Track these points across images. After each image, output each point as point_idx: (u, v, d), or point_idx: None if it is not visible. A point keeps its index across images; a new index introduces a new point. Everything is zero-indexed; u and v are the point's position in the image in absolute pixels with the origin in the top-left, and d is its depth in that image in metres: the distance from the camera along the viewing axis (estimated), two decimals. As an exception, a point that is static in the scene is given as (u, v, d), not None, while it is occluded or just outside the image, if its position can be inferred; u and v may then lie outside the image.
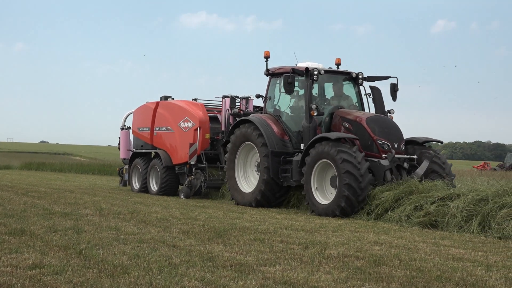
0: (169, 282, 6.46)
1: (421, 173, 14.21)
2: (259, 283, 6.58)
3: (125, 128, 22.70)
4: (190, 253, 8.37)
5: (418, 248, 9.54)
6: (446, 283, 6.90)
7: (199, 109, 19.20)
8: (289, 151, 15.75)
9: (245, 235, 10.31)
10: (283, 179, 15.59)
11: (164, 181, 19.39)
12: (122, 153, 22.71)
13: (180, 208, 15.13)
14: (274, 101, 16.72)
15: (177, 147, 19.15)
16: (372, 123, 14.80)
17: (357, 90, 16.72)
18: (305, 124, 15.30)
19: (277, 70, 16.46)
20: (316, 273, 7.20)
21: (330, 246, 9.31)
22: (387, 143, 14.54)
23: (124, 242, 9.17)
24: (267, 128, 15.68)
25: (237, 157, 16.69)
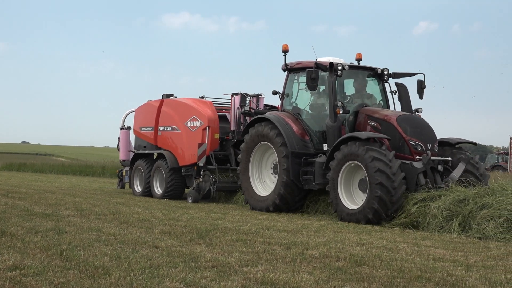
0: (151, 283, 6.43)
1: (457, 177, 13.33)
2: (241, 283, 6.57)
3: (125, 127, 21.45)
4: (172, 254, 8.33)
5: (399, 248, 9.58)
6: (427, 283, 6.92)
7: (208, 107, 17.96)
8: (310, 152, 14.72)
9: (227, 235, 10.30)
10: (304, 182, 14.49)
11: (169, 184, 18.17)
12: (122, 154, 21.41)
13: (162, 209, 15.09)
14: (292, 98, 15.71)
15: (184, 148, 17.92)
16: (403, 123, 13.73)
17: (382, 87, 15.59)
18: (330, 123, 14.19)
19: (296, 65, 15.49)
20: (298, 274, 7.20)
21: (312, 247, 9.31)
22: (420, 144, 13.50)
23: (105, 243, 9.12)
24: (286, 127, 14.61)
25: (252, 158, 15.63)
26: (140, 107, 20.49)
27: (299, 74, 15.41)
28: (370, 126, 14.08)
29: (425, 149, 13.45)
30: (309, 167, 14.40)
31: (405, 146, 13.43)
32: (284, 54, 15.60)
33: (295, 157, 14.35)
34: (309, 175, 14.32)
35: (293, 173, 14.36)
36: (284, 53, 15.58)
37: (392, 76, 15.47)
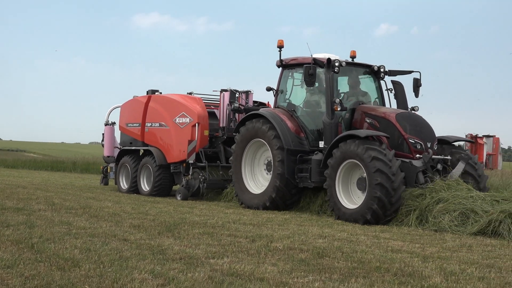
0: (120, 274, 6.41)
1: (457, 175, 12.74)
2: (207, 275, 6.57)
3: (110, 123, 20.20)
4: (141, 246, 8.30)
5: (359, 240, 9.65)
6: (385, 273, 6.99)
7: (197, 104, 17.07)
8: (305, 149, 13.92)
9: (195, 229, 10.28)
10: (300, 179, 13.70)
11: (157, 180, 17.24)
12: (107, 150, 20.09)
13: (131, 203, 15.00)
14: (286, 94, 14.87)
15: (173, 145, 17.03)
16: (402, 120, 13.03)
17: (378, 85, 14.85)
18: (327, 120, 13.40)
19: (291, 61, 14.73)
20: (262, 265, 7.23)
21: (276, 239, 9.34)
22: (420, 142, 12.84)
23: (75, 236, 9.05)
24: (281, 124, 13.77)
25: (245, 155, 14.73)
26: (126, 103, 19.54)
27: (294, 70, 14.77)
28: (368, 124, 13.44)
29: (425, 147, 12.90)
30: (304, 165, 13.71)
31: (404, 144, 12.85)
32: (279, 49, 14.80)
33: (290, 154, 13.64)
34: (304, 172, 13.66)
35: (288, 171, 13.63)
36: (279, 48, 14.78)
37: (388, 74, 14.82)
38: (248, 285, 6.16)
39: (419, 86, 14.51)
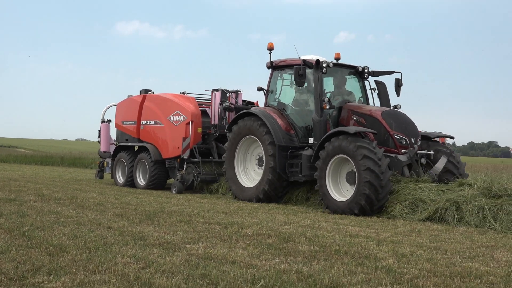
0: (104, 259, 6.37)
1: (439, 169, 12.36)
2: (184, 258, 6.57)
3: (106, 121, 19.49)
4: (123, 233, 8.25)
5: (321, 226, 9.70)
6: (344, 256, 7.05)
7: (191, 103, 16.43)
8: (295, 145, 13.35)
9: (172, 217, 10.24)
10: (290, 174, 13.13)
11: (153, 175, 16.62)
12: (103, 146, 19.41)
13: (115, 194, 14.89)
14: (276, 94, 14.27)
15: (167, 141, 16.40)
16: (388, 118, 12.54)
17: (362, 85, 14.22)
18: (316, 117, 12.83)
19: (280, 63, 14.08)
20: (234, 249, 7.24)
21: (246, 226, 9.35)
22: (405, 138, 12.35)
23: (63, 224, 8.96)
24: (273, 122, 13.22)
25: (237, 151, 14.17)
26: (122, 102, 18.80)
27: (283, 71, 14.23)
28: (354, 121, 12.89)
29: (409, 143, 12.44)
30: (294, 160, 13.15)
31: (390, 140, 12.32)
32: (269, 52, 14.11)
33: (281, 150, 13.06)
34: (294, 167, 13.07)
35: (280, 166, 13.07)
36: (269, 51, 14.09)
37: (371, 74, 14.24)
38: (221, 267, 6.16)
39: (400, 85, 14.03)
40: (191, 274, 5.76)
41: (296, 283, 5.59)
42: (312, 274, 5.93)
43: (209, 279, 5.59)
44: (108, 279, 5.53)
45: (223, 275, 5.77)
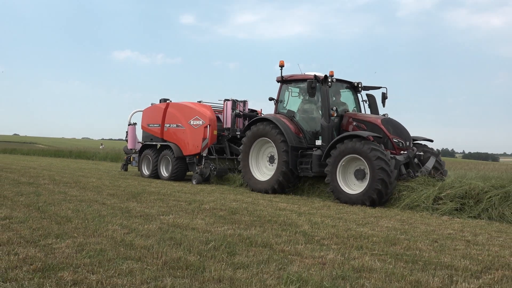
0: (98, 226, 6.36)
1: (430, 168, 11.29)
2: (158, 226, 6.61)
3: (132, 124, 17.80)
4: (114, 208, 8.23)
5: (259, 203, 9.81)
6: (274, 224, 7.19)
7: (208, 110, 15.14)
8: (304, 146, 12.05)
9: (151, 196, 10.21)
10: (301, 170, 11.85)
11: (175, 168, 15.24)
12: (130, 144, 17.79)
13: (109, 179, 14.69)
14: (284, 103, 13.00)
15: (188, 141, 15.05)
16: (386, 124, 11.38)
17: (355, 97, 12.96)
18: (324, 123, 11.59)
19: (289, 78, 12.83)
20: (195, 220, 7.30)
21: (205, 203, 9.39)
22: (402, 141, 11.23)
23: (69, 201, 8.86)
24: (285, 126, 12.07)
25: (252, 150, 12.86)
26: (147, 108, 17.09)
27: (291, 84, 12.95)
28: (355, 127, 11.67)
29: (405, 145, 11.30)
30: (304, 158, 11.87)
31: (389, 143, 11.13)
32: (280, 68, 12.82)
33: (293, 150, 11.87)
34: (304, 164, 11.83)
35: (292, 163, 11.85)
36: (280, 67, 12.81)
37: (363, 89, 12.99)
38: (184, 232, 6.23)
39: (386, 98, 12.78)
40: (162, 237, 5.82)
41: (238, 243, 5.71)
42: (250, 236, 6.05)
43: (175, 241, 5.66)
44: (101, 241, 5.55)
45: (186, 238, 5.85)
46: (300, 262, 4.93)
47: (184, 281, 4.17)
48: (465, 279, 4.54)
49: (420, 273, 4.68)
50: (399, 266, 4.92)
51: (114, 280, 4.12)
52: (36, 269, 4.37)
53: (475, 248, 5.98)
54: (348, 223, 7.58)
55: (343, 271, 4.63)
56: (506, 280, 4.55)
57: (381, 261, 5.09)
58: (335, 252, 5.43)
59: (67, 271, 4.33)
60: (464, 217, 8.69)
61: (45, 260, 4.62)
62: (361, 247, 5.75)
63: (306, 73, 12.65)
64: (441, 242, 6.23)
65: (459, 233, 7.02)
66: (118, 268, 4.47)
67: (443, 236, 6.74)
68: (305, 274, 4.44)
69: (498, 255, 5.58)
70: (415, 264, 5.04)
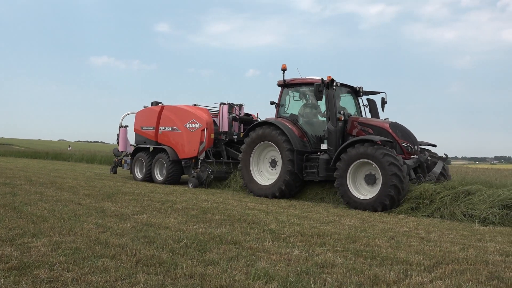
0: (74, 226, 6.25)
1: (438, 172, 10.68)
2: (132, 225, 6.53)
3: (123, 126, 16.79)
4: (89, 208, 8.09)
5: (229, 203, 9.78)
6: (243, 222, 7.19)
7: (205, 113, 14.23)
8: (308, 150, 11.25)
9: (126, 196, 10.09)
10: (306, 174, 11.05)
11: (170, 172, 14.24)
12: (121, 147, 16.69)
13: (85, 180, 14.42)
14: (285, 107, 12.13)
15: (184, 144, 14.10)
16: (395, 128, 10.62)
17: (356, 101, 12.17)
18: (331, 127, 10.80)
19: (291, 81, 11.97)
20: (168, 219, 7.25)
21: (178, 202, 9.34)
22: (410, 146, 10.49)
23: (45, 201, 8.66)
24: (290, 130, 11.22)
25: (253, 154, 11.93)
26: (141, 111, 16.09)
27: (292, 88, 12.08)
28: (362, 131, 10.87)
29: (413, 149, 10.54)
30: (309, 162, 11.07)
31: (397, 147, 10.38)
32: (283, 72, 11.95)
33: (298, 154, 11.03)
34: (309, 169, 11.04)
35: (297, 167, 11.05)
36: (283, 71, 11.94)
37: (364, 94, 12.26)
38: (157, 231, 6.17)
39: (385, 103, 12.03)
40: (136, 236, 5.76)
41: (209, 241, 5.70)
42: (220, 235, 6.04)
43: (149, 239, 5.61)
44: (76, 240, 5.45)
45: (159, 236, 5.80)
46: (267, 259, 4.96)
47: (157, 277, 4.15)
48: (418, 273, 4.66)
49: (378, 268, 4.78)
50: (359, 262, 5.01)
51: (89, 277, 4.06)
52: (12, 267, 4.26)
53: (428, 244, 6.14)
54: (312, 221, 7.65)
55: (307, 266, 4.69)
56: (455, 273, 4.69)
57: (342, 257, 5.17)
58: (300, 249, 5.48)
59: (42, 269, 4.23)
60: (418, 216, 8.91)
61: (21, 259, 4.51)
62: (324, 244, 5.82)
63: (309, 77, 11.80)
64: (397, 239, 6.38)
65: (414, 231, 7.19)
66: (93, 265, 4.40)
67: (399, 233, 6.90)
68: (272, 270, 4.48)
69: (448, 251, 5.74)
70: (373, 259, 5.14)
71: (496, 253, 5.75)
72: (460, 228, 7.67)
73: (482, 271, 4.78)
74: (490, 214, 8.30)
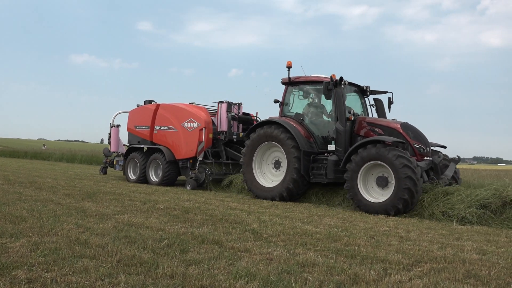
0: (54, 226, 6.17)
1: (450, 175, 10.31)
2: (113, 225, 6.48)
3: (115, 125, 16.04)
4: (69, 208, 7.98)
5: (211, 203, 9.76)
6: (225, 222, 7.19)
7: (203, 112, 13.59)
8: (315, 151, 10.74)
9: (107, 196, 9.99)
10: (313, 176, 10.53)
11: (166, 173, 13.63)
12: (113, 147, 15.94)
13: (65, 179, 14.23)
14: (289, 106, 11.56)
15: (181, 144, 13.47)
16: (406, 129, 10.13)
17: (363, 101, 11.63)
18: (340, 127, 10.32)
19: (296, 79, 11.38)
20: (149, 218, 7.20)
21: (159, 202, 9.29)
22: (423, 147, 10.03)
23: (24, 201, 8.52)
24: (296, 130, 10.70)
25: (255, 155, 11.36)
26: (134, 110, 15.34)
27: (296, 87, 11.50)
28: (370, 131, 10.41)
29: (425, 151, 10.09)
30: (316, 164, 10.56)
31: (409, 148, 9.91)
32: (288, 69, 11.38)
33: (305, 155, 10.52)
34: (316, 170, 10.54)
35: (304, 169, 10.52)
36: (288, 68, 11.37)
37: (370, 93, 11.74)
38: (139, 231, 6.13)
39: (392, 103, 11.58)
40: (117, 236, 5.71)
41: (190, 241, 5.69)
42: (202, 234, 6.03)
43: (130, 239, 5.57)
44: (55, 240, 5.38)
45: (140, 236, 5.76)
46: (249, 258, 4.97)
47: (138, 277, 4.12)
48: (397, 271, 4.72)
49: (358, 266, 4.83)
50: (340, 261, 5.05)
51: (68, 278, 4.01)
52: (-10, 268, 4.19)
53: (408, 243, 6.23)
54: (294, 221, 7.68)
55: (289, 266, 4.71)
56: (433, 272, 4.77)
57: (323, 256, 5.21)
58: (282, 248, 5.50)
59: (21, 269, 4.17)
60: (398, 216, 9.02)
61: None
62: (305, 243, 5.85)
63: (314, 75, 11.33)
64: (377, 238, 6.45)
65: (394, 230, 7.29)
66: (72, 266, 4.35)
67: (379, 232, 6.98)
68: (253, 269, 4.49)
69: (427, 250, 5.84)
70: (353, 258, 5.20)
71: (473, 251, 5.87)
72: (439, 228, 7.80)
73: (460, 269, 4.88)
74: (468, 214, 8.45)
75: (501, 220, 8.28)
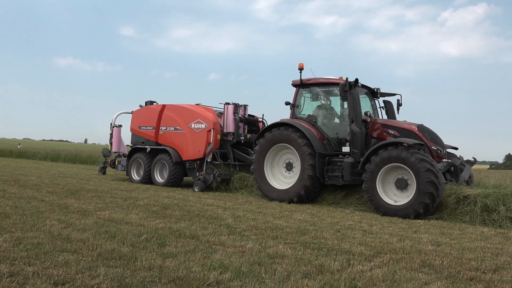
0: (37, 221, 6.07)
1: (467, 176, 9.85)
2: (94, 221, 6.41)
3: (117, 126, 15.13)
4: (52, 204, 7.85)
5: (189, 199, 9.74)
6: (202, 218, 7.19)
7: (211, 113, 12.86)
8: (329, 153, 10.16)
9: (89, 193, 9.85)
10: (328, 178, 9.96)
11: (172, 174, 12.82)
12: (115, 147, 15.10)
13: (49, 177, 13.94)
14: (300, 108, 10.94)
15: (188, 145, 12.72)
16: (422, 131, 9.55)
17: (373, 103, 11.06)
18: (356, 129, 9.76)
19: (308, 81, 10.78)
20: (130, 214, 7.15)
21: (140, 199, 9.22)
22: (440, 149, 9.51)
23: (8, 198, 8.34)
24: (309, 132, 10.12)
25: (267, 157, 10.73)
26: (138, 110, 14.41)
27: (307, 89, 10.90)
28: (384, 133, 9.89)
29: (442, 153, 9.58)
30: (330, 166, 10.00)
31: (426, 150, 9.30)
32: (300, 71, 10.72)
33: (320, 157, 9.96)
34: (331, 172, 9.97)
35: (319, 171, 9.95)
36: (300, 70, 10.71)
37: (380, 95, 11.23)
38: (119, 226, 6.09)
39: (400, 105, 11.06)
40: (97, 231, 5.66)
41: (168, 235, 5.68)
42: (179, 229, 6.02)
43: (110, 234, 5.52)
44: (38, 235, 5.30)
45: (120, 231, 5.73)
46: (223, 251, 5.00)
47: (117, 270, 4.10)
48: (360, 262, 4.83)
49: (324, 258, 4.92)
50: (307, 253, 5.13)
51: (50, 271, 3.97)
52: (-27, 262, 4.10)
53: (370, 236, 6.36)
54: (266, 216, 7.74)
55: (260, 258, 4.76)
56: (392, 262, 4.90)
57: (292, 249, 5.28)
58: (254, 242, 5.55)
59: (3, 264, 4.10)
60: (363, 211, 9.18)
61: (-19, 254, 4.35)
62: (276, 237, 5.91)
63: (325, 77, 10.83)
64: (342, 232, 6.57)
65: (358, 224, 7.42)
66: (54, 260, 4.30)
67: (344, 226, 7.10)
68: (227, 261, 4.52)
69: (387, 242, 5.97)
70: (320, 250, 5.28)
71: (429, 243, 6.04)
72: (399, 222, 7.97)
73: (416, 260, 5.02)
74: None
75: (455, 215, 8.51)
